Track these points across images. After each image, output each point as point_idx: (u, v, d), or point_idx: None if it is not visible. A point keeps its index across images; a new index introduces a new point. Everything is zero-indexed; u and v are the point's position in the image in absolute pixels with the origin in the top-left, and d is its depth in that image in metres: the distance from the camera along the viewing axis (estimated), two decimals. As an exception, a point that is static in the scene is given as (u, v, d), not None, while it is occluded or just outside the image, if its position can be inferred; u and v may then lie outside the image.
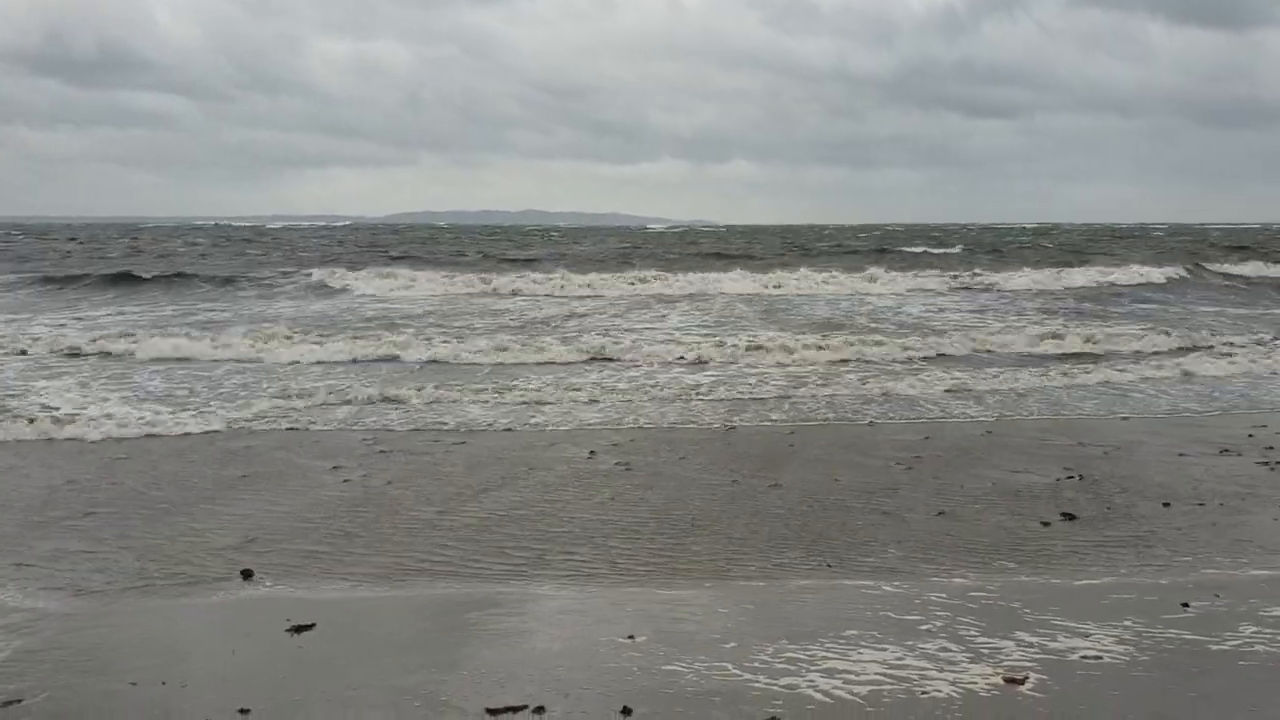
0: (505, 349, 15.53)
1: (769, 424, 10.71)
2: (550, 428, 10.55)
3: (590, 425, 10.67)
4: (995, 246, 55.47)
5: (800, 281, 28.71)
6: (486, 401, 11.86)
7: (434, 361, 15.06)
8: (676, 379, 13.45)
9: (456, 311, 23.27)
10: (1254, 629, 5.11)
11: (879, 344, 15.74)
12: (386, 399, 11.88)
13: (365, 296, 26.84)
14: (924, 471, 8.63)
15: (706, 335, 17.83)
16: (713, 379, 13.46)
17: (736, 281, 28.83)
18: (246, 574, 6.16)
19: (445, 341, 16.56)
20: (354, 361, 15.06)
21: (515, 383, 12.86)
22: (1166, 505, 7.54)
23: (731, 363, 14.67)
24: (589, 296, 26.31)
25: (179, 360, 15.07)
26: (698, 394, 12.40)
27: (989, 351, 15.87)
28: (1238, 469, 8.68)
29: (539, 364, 14.64)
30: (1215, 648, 4.89)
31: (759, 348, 15.41)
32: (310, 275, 31.12)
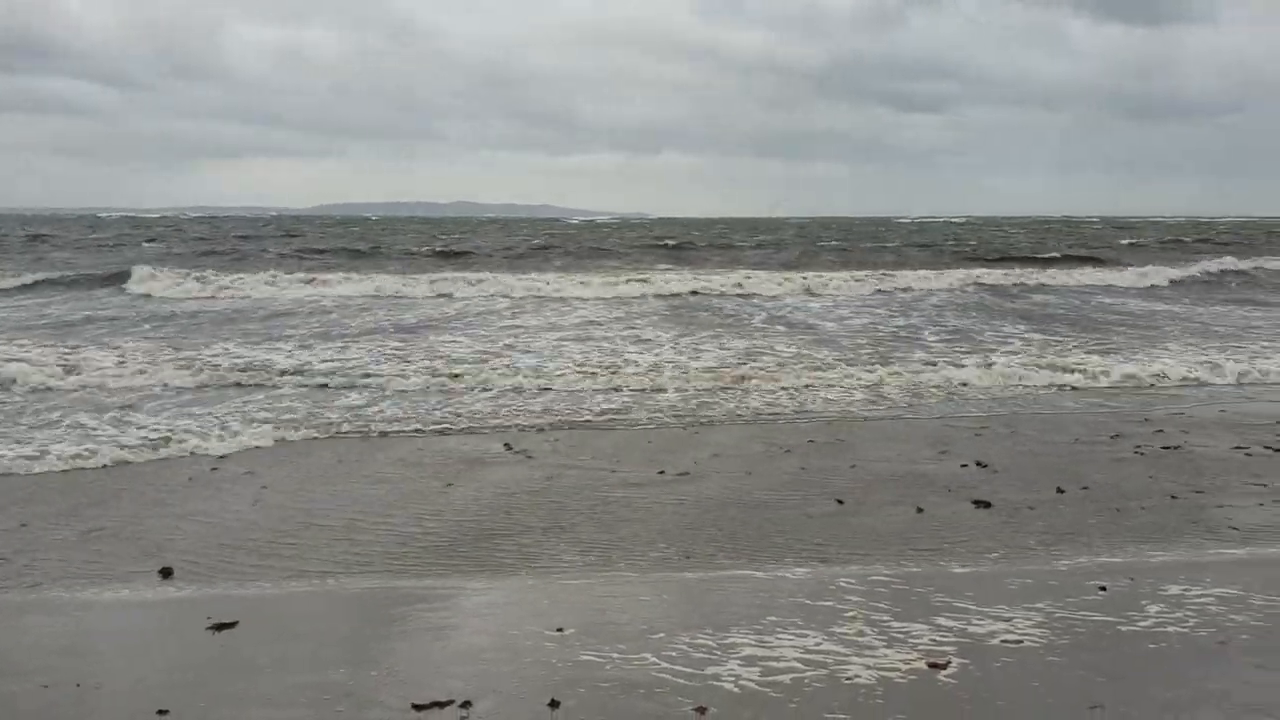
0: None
1: (670, 423, 10.60)
2: (433, 427, 10.43)
3: (487, 425, 10.57)
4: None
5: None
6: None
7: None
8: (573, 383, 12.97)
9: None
10: (1165, 610, 5.25)
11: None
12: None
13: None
14: (830, 463, 8.75)
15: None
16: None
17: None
18: (165, 572, 6.04)
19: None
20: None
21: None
22: (1061, 491, 7.77)
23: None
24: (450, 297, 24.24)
25: None
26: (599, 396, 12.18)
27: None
28: (1127, 457, 8.98)
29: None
30: (1130, 629, 5.02)
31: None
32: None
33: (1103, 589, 5.60)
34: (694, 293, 24.56)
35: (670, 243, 47.37)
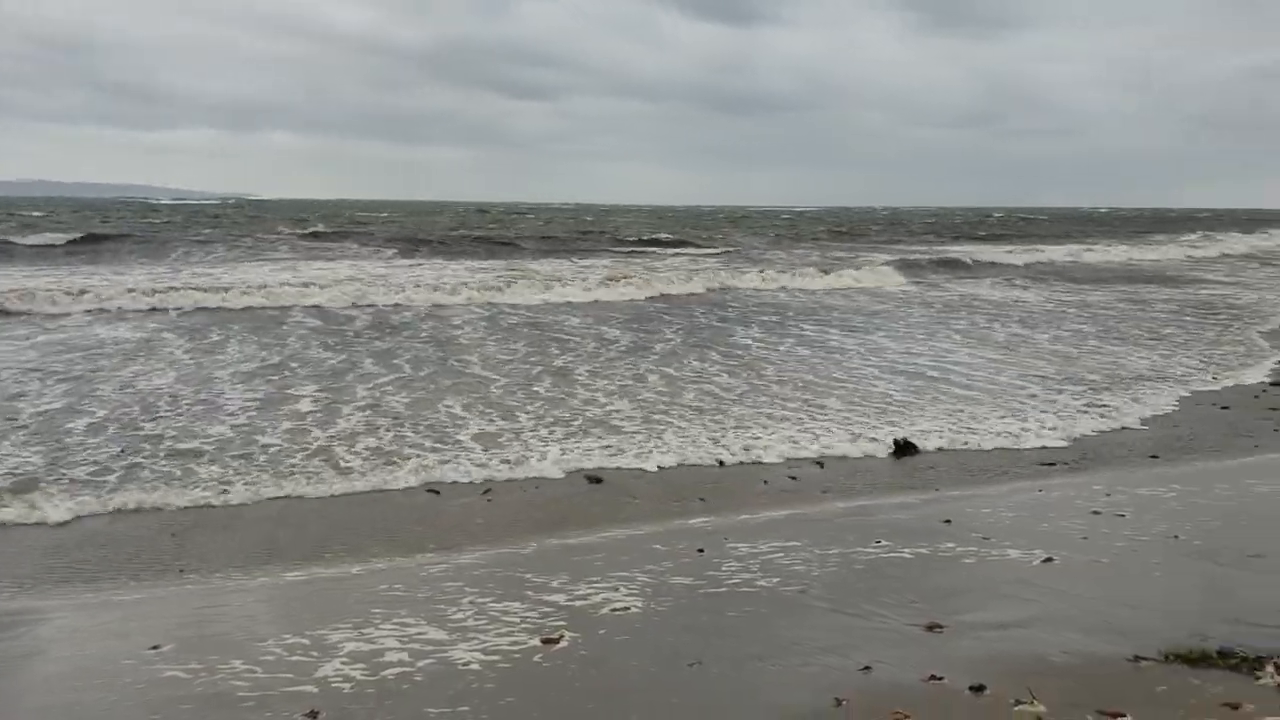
0: None
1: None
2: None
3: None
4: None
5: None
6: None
7: None
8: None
9: None
10: (755, 566, 5.70)
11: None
12: None
13: None
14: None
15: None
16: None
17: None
18: None
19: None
20: None
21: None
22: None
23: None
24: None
25: None
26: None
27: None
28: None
29: None
30: (725, 587, 5.39)
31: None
32: None
33: (700, 551, 6.00)
34: (249, 308, 19.39)
35: (261, 233, 41.82)
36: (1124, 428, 10.30)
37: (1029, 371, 13.65)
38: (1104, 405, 11.36)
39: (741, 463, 8.65)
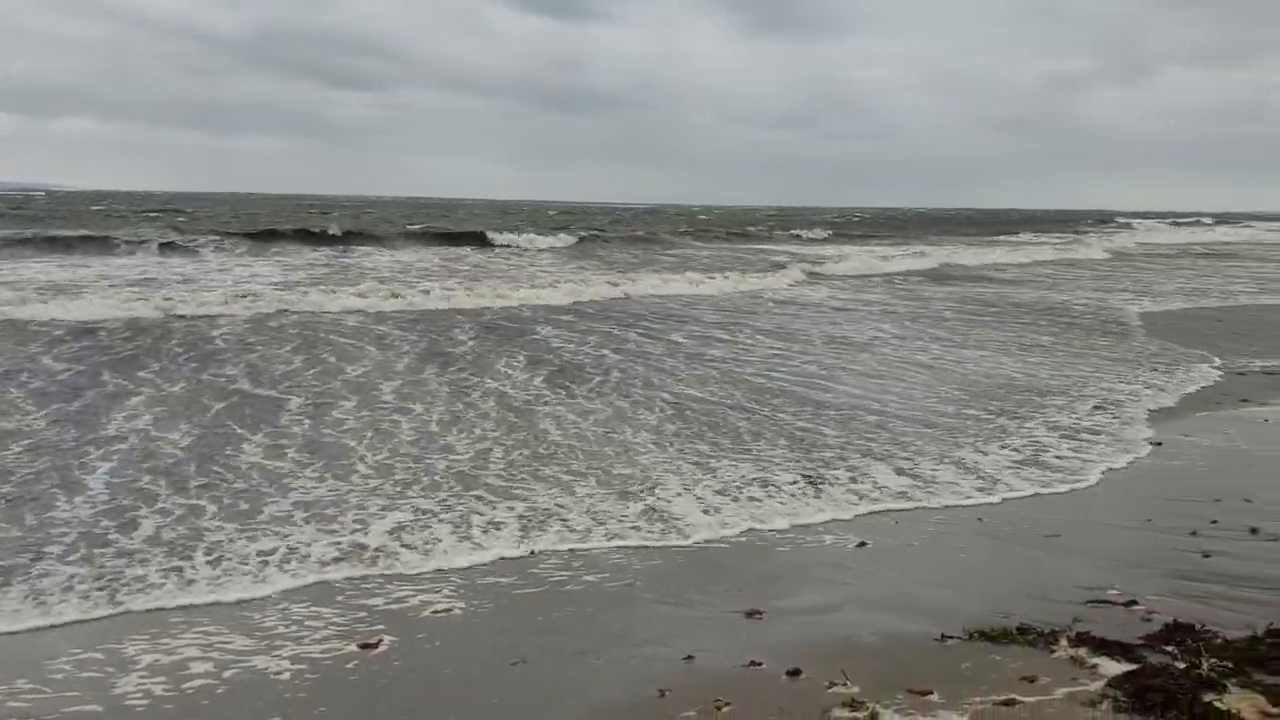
0: None
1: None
2: None
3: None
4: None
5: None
6: None
7: None
8: None
9: None
10: (575, 563, 5.66)
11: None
12: None
13: None
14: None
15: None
16: None
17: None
18: None
19: None
20: None
21: None
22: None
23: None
24: None
25: None
26: None
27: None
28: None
29: None
30: (548, 584, 5.34)
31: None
32: None
33: (533, 552, 5.91)
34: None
35: (52, 226, 34.30)
36: (1136, 457, 7.98)
37: (970, 395, 10.53)
38: (1086, 431, 8.88)
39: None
